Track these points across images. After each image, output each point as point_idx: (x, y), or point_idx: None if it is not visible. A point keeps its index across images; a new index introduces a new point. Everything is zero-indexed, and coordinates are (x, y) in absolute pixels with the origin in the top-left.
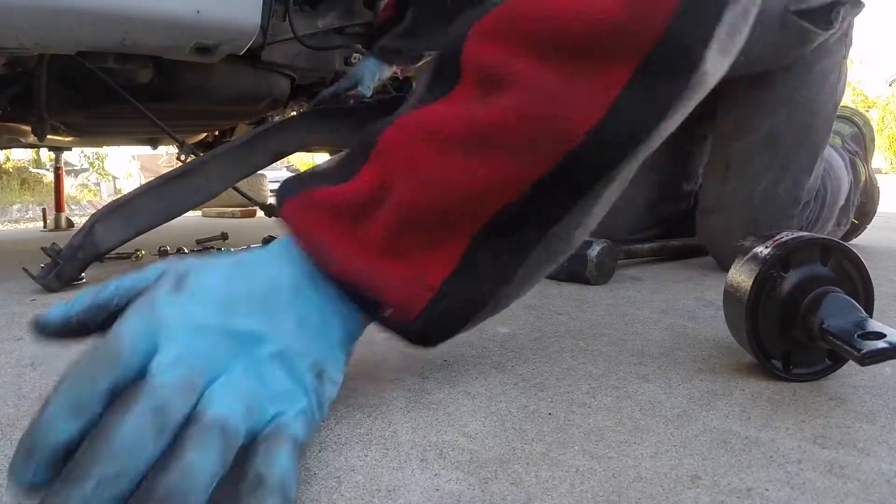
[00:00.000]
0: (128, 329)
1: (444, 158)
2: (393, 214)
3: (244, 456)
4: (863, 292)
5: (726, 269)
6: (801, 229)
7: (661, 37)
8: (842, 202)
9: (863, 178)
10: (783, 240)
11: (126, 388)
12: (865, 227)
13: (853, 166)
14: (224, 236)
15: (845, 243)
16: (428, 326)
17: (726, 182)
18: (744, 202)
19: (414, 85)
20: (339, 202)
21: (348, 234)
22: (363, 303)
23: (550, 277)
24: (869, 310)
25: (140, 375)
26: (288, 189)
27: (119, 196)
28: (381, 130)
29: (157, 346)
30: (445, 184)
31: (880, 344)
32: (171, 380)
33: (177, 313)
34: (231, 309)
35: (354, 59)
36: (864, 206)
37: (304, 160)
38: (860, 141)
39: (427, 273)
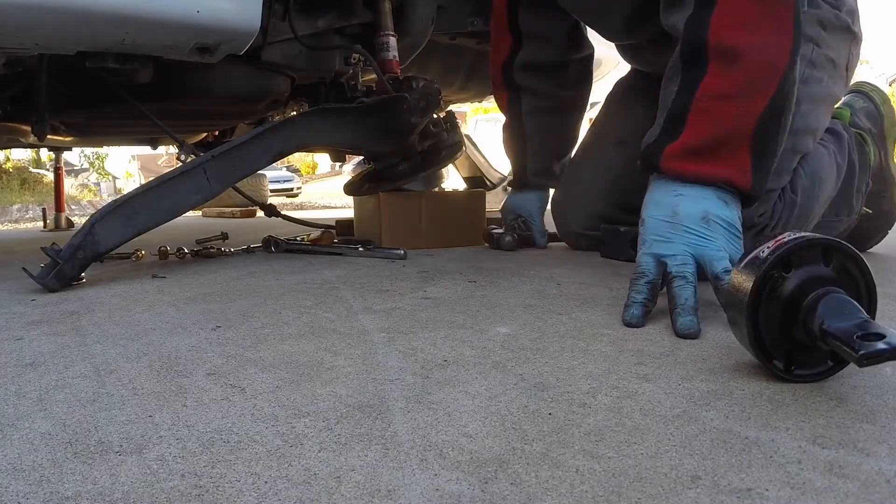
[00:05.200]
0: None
1: (725, 107)
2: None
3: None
4: (865, 293)
5: None
6: (764, 227)
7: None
8: (823, 199)
9: (873, 161)
10: (785, 240)
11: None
12: (887, 232)
13: (859, 146)
14: (224, 236)
15: (853, 247)
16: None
17: None
18: None
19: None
20: (689, 147)
21: (699, 161)
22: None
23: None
24: (871, 310)
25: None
26: (654, 152)
27: (119, 196)
28: (685, 106)
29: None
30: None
31: (879, 345)
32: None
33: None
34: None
35: (354, 59)
36: (879, 200)
37: (304, 160)
38: (876, 120)
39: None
